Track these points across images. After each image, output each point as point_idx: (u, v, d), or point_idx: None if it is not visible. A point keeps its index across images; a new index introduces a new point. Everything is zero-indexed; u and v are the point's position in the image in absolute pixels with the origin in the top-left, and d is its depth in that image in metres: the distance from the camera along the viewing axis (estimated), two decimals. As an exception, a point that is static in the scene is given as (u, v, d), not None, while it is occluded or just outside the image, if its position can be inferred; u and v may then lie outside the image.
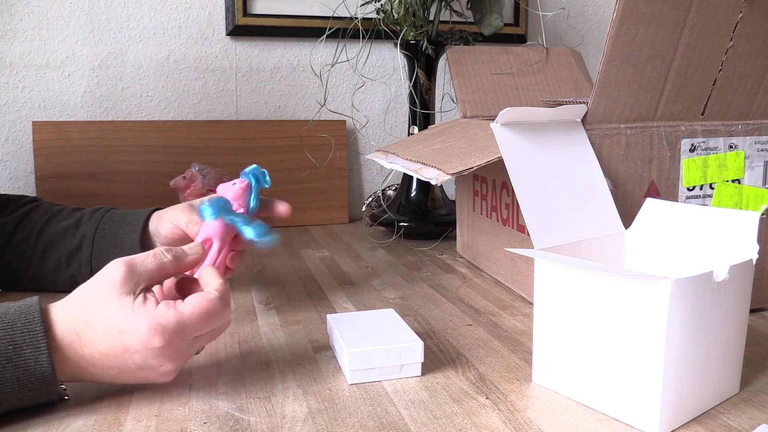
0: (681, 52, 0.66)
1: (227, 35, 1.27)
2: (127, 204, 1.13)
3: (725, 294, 0.49)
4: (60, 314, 0.50)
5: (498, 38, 1.32)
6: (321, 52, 1.31)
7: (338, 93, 1.35)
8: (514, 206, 0.80)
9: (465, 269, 0.93)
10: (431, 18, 1.14)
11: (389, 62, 1.36)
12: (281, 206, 0.72)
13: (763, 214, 0.69)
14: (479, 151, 0.71)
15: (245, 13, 1.26)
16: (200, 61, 1.27)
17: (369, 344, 0.55)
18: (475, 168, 0.67)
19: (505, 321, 0.71)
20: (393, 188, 1.28)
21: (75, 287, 0.53)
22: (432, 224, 1.13)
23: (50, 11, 1.19)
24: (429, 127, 1.04)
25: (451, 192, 1.35)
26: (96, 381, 0.52)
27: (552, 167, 0.63)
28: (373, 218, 1.18)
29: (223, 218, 0.64)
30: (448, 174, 0.68)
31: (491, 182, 0.87)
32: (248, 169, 0.68)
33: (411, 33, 1.10)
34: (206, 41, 1.27)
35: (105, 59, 1.22)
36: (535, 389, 0.54)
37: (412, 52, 1.13)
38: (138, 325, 0.49)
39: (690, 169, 0.71)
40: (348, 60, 1.30)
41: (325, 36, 1.20)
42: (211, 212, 0.64)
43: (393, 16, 1.11)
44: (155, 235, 0.75)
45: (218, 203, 0.64)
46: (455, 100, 1.10)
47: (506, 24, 1.36)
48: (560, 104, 0.85)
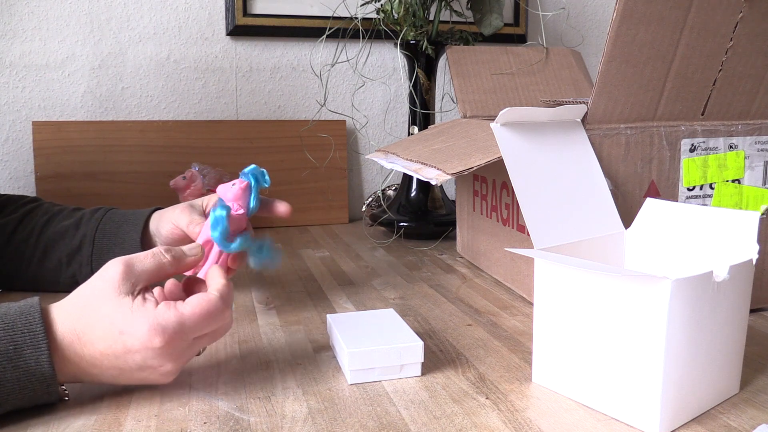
0: (681, 52, 0.66)
1: (227, 35, 1.27)
2: (127, 204, 1.13)
3: (725, 294, 0.49)
4: (60, 314, 0.50)
5: (498, 38, 1.32)
6: (321, 52, 1.31)
7: (338, 93, 1.35)
8: (514, 206, 0.80)
9: (465, 269, 0.93)
10: (431, 18, 1.14)
11: (389, 62, 1.36)
12: (281, 206, 0.71)
13: (763, 214, 0.69)
14: (479, 151, 0.71)
15: (245, 13, 1.26)
16: (200, 61, 1.27)
17: (369, 344, 0.56)
18: (475, 168, 0.67)
19: (505, 321, 0.71)
20: (393, 188, 1.28)
21: (75, 287, 0.53)
22: (432, 224, 1.13)
23: (50, 11, 1.19)
24: (429, 127, 1.04)
25: (451, 192, 1.35)
26: (96, 382, 0.52)
27: (552, 167, 0.63)
28: (373, 218, 1.18)
29: (230, 246, 0.63)
30: (448, 174, 0.68)
31: (491, 182, 0.87)
32: (247, 169, 0.68)
33: (411, 33, 1.10)
34: (206, 41, 1.27)
35: (105, 59, 1.22)
36: (535, 389, 0.54)
37: (412, 52, 1.13)
38: (138, 326, 0.48)
39: (690, 169, 0.71)
40: (348, 60, 1.30)
41: (325, 36, 1.20)
42: (220, 240, 0.62)
43: (393, 16, 1.11)
44: (155, 235, 0.75)
45: (223, 228, 0.62)
46: (455, 100, 1.10)
47: (506, 24, 1.36)
48: (560, 104, 0.85)
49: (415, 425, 0.48)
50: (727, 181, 0.72)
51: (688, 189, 0.71)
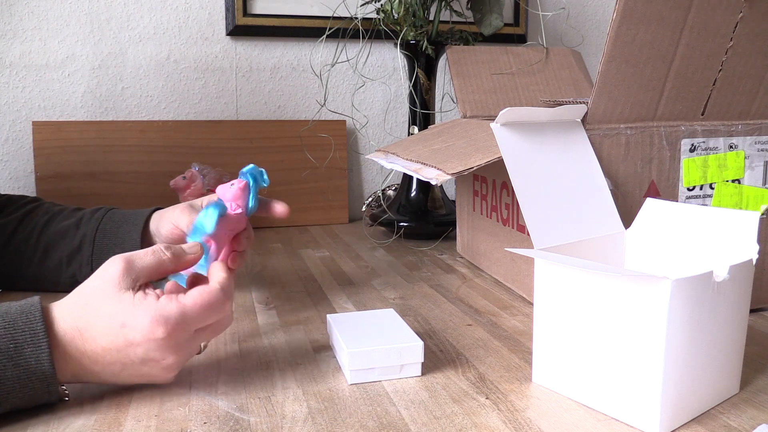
0: (681, 52, 0.66)
1: (227, 35, 1.27)
2: (127, 204, 1.13)
3: (725, 294, 0.49)
4: (61, 312, 0.50)
5: (498, 38, 1.32)
6: (321, 52, 1.31)
7: (338, 93, 1.35)
8: (514, 206, 0.80)
9: (465, 269, 0.93)
10: (431, 18, 1.14)
11: (389, 62, 1.36)
12: (279, 206, 0.71)
13: (763, 214, 0.69)
14: (479, 151, 0.71)
15: (245, 13, 1.26)
16: (200, 61, 1.27)
17: (369, 344, 0.56)
18: (475, 168, 0.67)
19: (505, 321, 0.71)
20: (393, 188, 1.28)
21: (76, 287, 0.53)
22: (432, 224, 1.13)
23: (50, 11, 1.19)
24: (429, 127, 1.04)
25: (451, 192, 1.35)
26: (97, 380, 0.52)
27: (552, 167, 0.63)
28: (373, 218, 1.18)
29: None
30: (448, 174, 0.68)
31: (491, 182, 0.87)
32: (246, 169, 0.67)
33: (411, 33, 1.10)
34: (206, 41, 1.27)
35: (105, 59, 1.22)
36: (535, 389, 0.54)
37: (412, 52, 1.13)
38: (140, 318, 0.49)
39: (690, 169, 0.71)
40: (348, 60, 1.30)
41: (325, 36, 1.20)
42: (212, 224, 0.62)
43: (393, 16, 1.11)
44: (156, 235, 0.75)
45: (213, 215, 0.62)
46: (455, 100, 1.10)
47: (506, 24, 1.36)
48: (560, 104, 0.85)
49: (415, 425, 0.48)
50: (727, 181, 0.72)
51: (688, 189, 0.71)
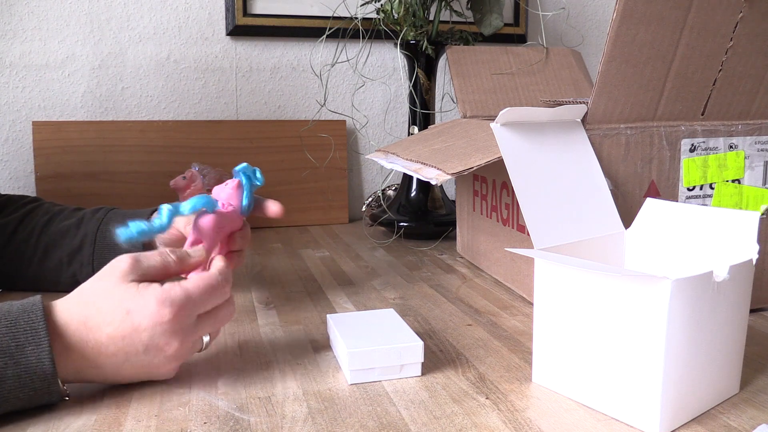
0: (681, 52, 0.66)
1: (227, 35, 1.27)
2: (127, 204, 1.13)
3: (725, 294, 0.49)
4: (65, 305, 0.51)
5: (498, 38, 1.32)
6: (321, 52, 1.31)
7: (338, 93, 1.35)
8: (514, 206, 0.80)
9: (465, 269, 0.93)
10: (431, 18, 1.14)
11: (389, 62, 1.36)
12: (273, 206, 0.69)
13: (763, 214, 0.69)
14: (479, 151, 0.71)
15: (245, 13, 1.26)
16: (200, 61, 1.27)
17: (369, 344, 0.56)
18: (475, 168, 0.67)
19: (505, 321, 0.71)
20: (393, 188, 1.28)
21: (76, 287, 0.53)
22: (432, 224, 1.13)
23: (50, 11, 1.19)
24: (429, 127, 1.04)
25: (451, 192, 1.35)
26: (99, 376, 0.52)
27: (552, 167, 0.63)
28: (373, 218, 1.18)
29: (204, 210, 0.62)
30: (448, 174, 0.68)
31: (491, 182, 0.87)
32: (239, 168, 0.67)
33: (411, 33, 1.10)
34: (206, 41, 1.27)
35: (105, 59, 1.22)
36: (535, 389, 0.54)
37: (412, 52, 1.13)
38: (146, 302, 0.50)
39: (690, 169, 0.71)
40: (348, 60, 1.30)
41: (325, 36, 1.20)
42: (189, 208, 0.62)
43: (393, 16, 1.11)
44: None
45: (192, 201, 0.62)
46: (455, 100, 1.10)
47: (506, 24, 1.36)
48: (560, 104, 0.85)
49: (415, 425, 0.48)
50: (727, 181, 0.72)
51: (688, 189, 0.71)
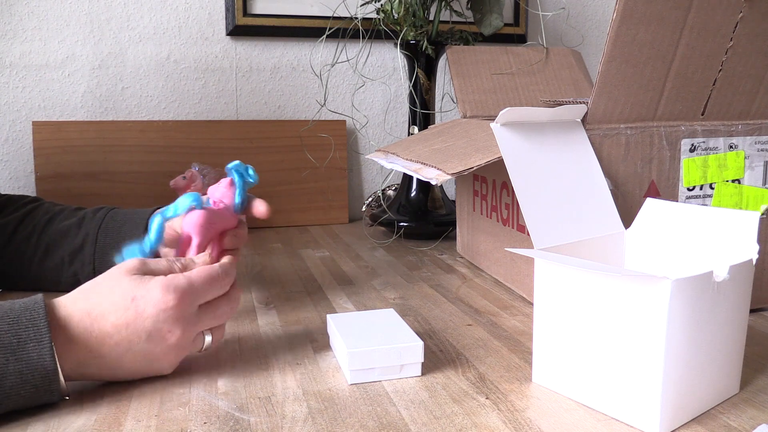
0: (681, 52, 0.66)
1: (227, 35, 1.27)
2: (128, 204, 1.13)
3: (725, 294, 0.49)
4: (69, 298, 0.52)
5: (498, 38, 1.32)
6: (321, 52, 1.31)
7: (338, 93, 1.35)
8: (514, 206, 0.80)
9: (465, 269, 0.93)
10: (431, 18, 1.14)
11: (389, 62, 1.36)
12: (260, 206, 0.69)
13: (763, 214, 0.69)
14: (479, 151, 0.71)
15: (245, 13, 1.26)
16: (200, 61, 1.27)
17: (369, 344, 0.56)
18: (475, 168, 0.67)
19: (505, 321, 0.71)
20: (393, 188, 1.28)
21: (77, 286, 0.54)
22: (432, 224, 1.13)
23: (50, 11, 1.19)
24: (429, 127, 1.04)
25: (451, 192, 1.35)
26: (100, 368, 0.52)
27: (552, 167, 0.63)
28: (373, 218, 1.18)
29: (195, 208, 0.63)
30: (448, 174, 0.68)
31: (491, 182, 0.87)
32: (231, 165, 0.67)
33: (411, 33, 1.10)
34: (206, 41, 1.27)
35: (105, 59, 1.22)
36: (535, 389, 0.54)
37: (412, 52, 1.13)
38: (151, 288, 0.52)
39: (690, 169, 0.71)
40: (348, 60, 1.30)
41: (325, 36, 1.20)
42: (174, 210, 0.64)
43: (393, 16, 1.11)
44: (156, 235, 0.75)
45: (186, 200, 0.63)
46: (455, 100, 1.10)
47: (506, 24, 1.36)
48: (560, 104, 0.85)
49: (415, 425, 0.48)
50: (727, 181, 0.72)
51: (688, 189, 0.71)
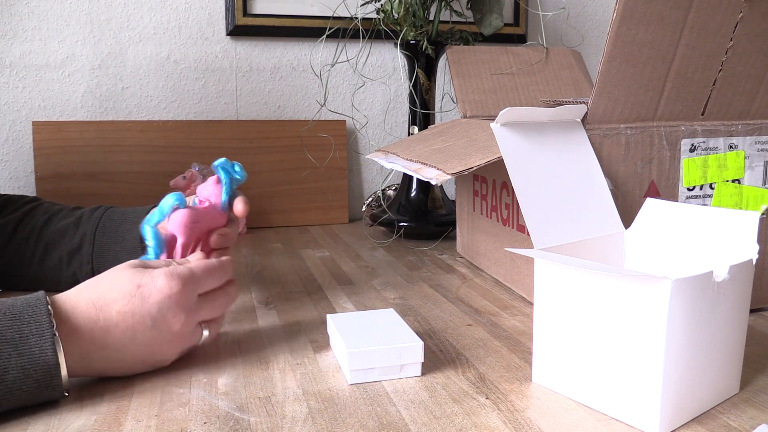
0: (681, 52, 0.66)
1: (227, 35, 1.27)
2: (127, 204, 1.13)
3: (725, 294, 0.49)
4: (74, 291, 0.54)
5: (498, 38, 1.32)
6: (321, 52, 1.31)
7: (338, 93, 1.35)
8: (514, 206, 0.80)
9: (465, 269, 0.93)
10: (431, 18, 1.14)
11: (389, 62, 1.36)
12: (238, 204, 0.68)
13: (763, 214, 0.69)
14: (479, 151, 0.71)
15: (245, 13, 1.26)
16: (200, 61, 1.27)
17: (369, 344, 0.56)
18: (475, 168, 0.67)
19: (505, 321, 0.71)
20: (393, 188, 1.28)
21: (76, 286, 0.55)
22: (432, 224, 1.13)
23: (50, 11, 1.19)
24: (429, 127, 1.04)
25: (451, 192, 1.35)
26: (103, 360, 0.53)
27: (552, 167, 0.63)
28: (373, 218, 1.18)
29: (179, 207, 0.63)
30: (448, 174, 0.68)
31: (491, 182, 0.87)
32: (217, 163, 0.67)
33: (411, 33, 1.10)
34: (206, 41, 1.27)
35: (105, 59, 1.22)
36: (535, 389, 0.54)
37: (412, 52, 1.13)
38: (156, 276, 0.54)
39: (690, 169, 0.71)
40: (348, 60, 1.30)
41: (325, 36, 1.20)
42: (160, 212, 0.64)
43: (393, 16, 1.11)
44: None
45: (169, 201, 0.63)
46: (455, 100, 1.10)
47: (506, 24, 1.36)
48: (560, 104, 0.85)
49: (415, 425, 0.48)
50: (727, 181, 0.72)
51: (688, 189, 0.71)
